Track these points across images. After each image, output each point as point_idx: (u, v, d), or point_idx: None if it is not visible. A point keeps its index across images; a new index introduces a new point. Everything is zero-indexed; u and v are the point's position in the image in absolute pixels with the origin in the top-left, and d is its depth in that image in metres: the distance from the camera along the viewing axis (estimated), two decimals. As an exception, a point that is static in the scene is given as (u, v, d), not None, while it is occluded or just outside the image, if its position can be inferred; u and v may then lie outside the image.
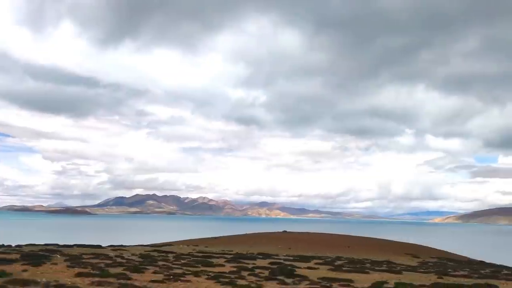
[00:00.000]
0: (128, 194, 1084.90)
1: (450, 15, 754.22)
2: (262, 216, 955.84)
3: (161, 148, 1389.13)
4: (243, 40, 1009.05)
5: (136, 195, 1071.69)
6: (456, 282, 23.07)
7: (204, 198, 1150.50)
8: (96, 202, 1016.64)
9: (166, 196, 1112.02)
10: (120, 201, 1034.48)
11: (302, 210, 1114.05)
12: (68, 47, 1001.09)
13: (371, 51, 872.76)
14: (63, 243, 41.52)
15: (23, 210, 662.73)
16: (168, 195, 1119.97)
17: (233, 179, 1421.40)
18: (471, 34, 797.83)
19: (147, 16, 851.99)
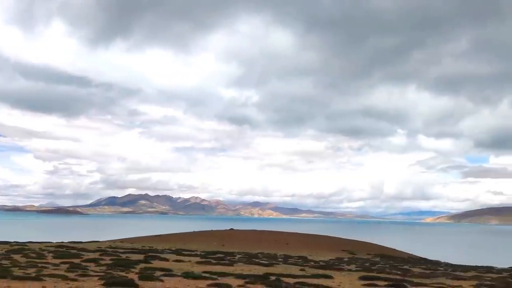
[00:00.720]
0: (120, 194, 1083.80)
1: (442, 15, 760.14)
2: (255, 216, 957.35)
3: (153, 148, 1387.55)
4: (236, 39, 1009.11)
5: (129, 195, 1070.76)
6: (328, 273, 24.74)
7: (196, 198, 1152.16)
8: (88, 202, 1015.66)
9: (158, 196, 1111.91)
10: (112, 201, 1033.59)
11: (295, 210, 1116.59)
12: (59, 46, 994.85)
13: (363, 51, 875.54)
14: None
15: (14, 210, 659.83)
16: (160, 195, 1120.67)
17: (226, 179, 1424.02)
18: (463, 35, 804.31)
19: (139, 15, 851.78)
